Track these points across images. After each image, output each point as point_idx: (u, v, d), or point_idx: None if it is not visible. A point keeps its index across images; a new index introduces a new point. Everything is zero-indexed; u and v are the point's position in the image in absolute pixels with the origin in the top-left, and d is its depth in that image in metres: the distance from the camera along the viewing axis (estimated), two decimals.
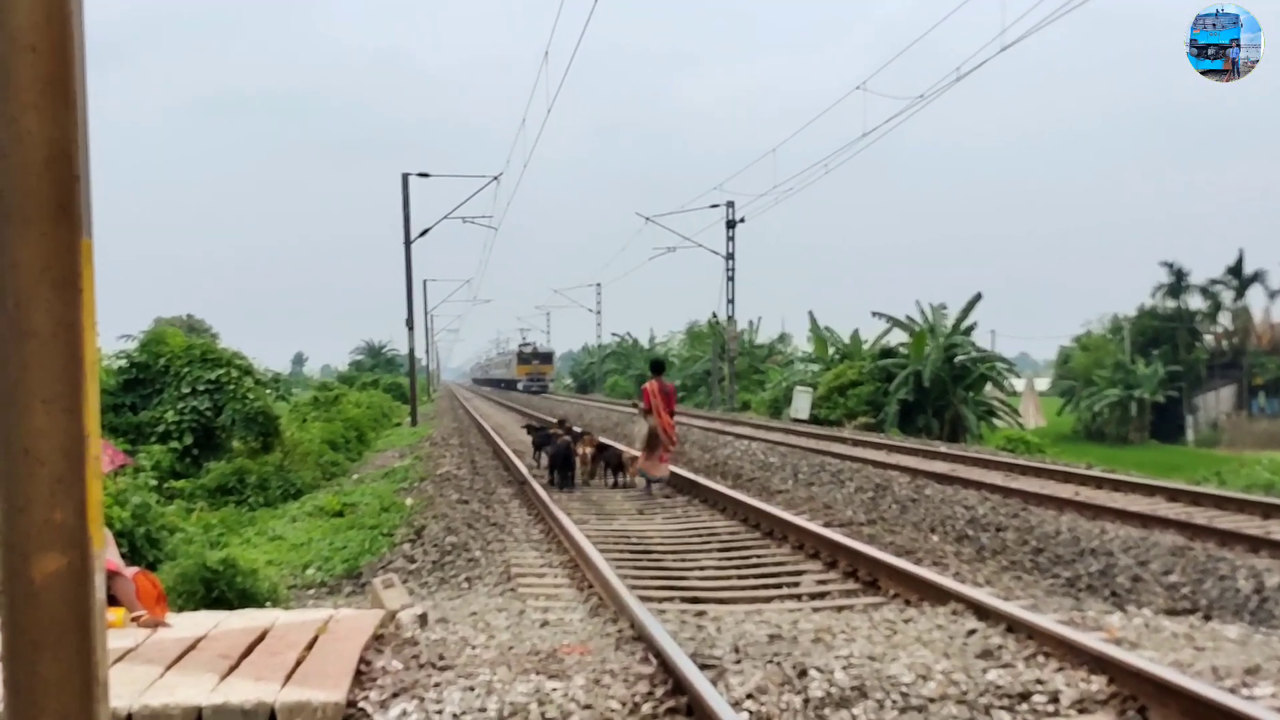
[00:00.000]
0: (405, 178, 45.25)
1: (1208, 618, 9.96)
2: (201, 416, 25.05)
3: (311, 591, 12.63)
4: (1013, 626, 8.09)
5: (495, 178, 43.90)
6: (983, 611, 8.62)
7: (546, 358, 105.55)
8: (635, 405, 20.42)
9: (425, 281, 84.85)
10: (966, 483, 19.44)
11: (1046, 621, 7.90)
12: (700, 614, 9.43)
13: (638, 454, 19.55)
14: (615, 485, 19.96)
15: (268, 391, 28.11)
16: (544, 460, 21.46)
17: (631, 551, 13.33)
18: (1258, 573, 11.75)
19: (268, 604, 9.81)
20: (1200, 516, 15.55)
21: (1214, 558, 12.47)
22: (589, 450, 20.72)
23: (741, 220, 53.38)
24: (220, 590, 9.76)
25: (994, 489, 18.49)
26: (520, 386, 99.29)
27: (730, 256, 53.73)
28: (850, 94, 28.23)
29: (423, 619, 8.24)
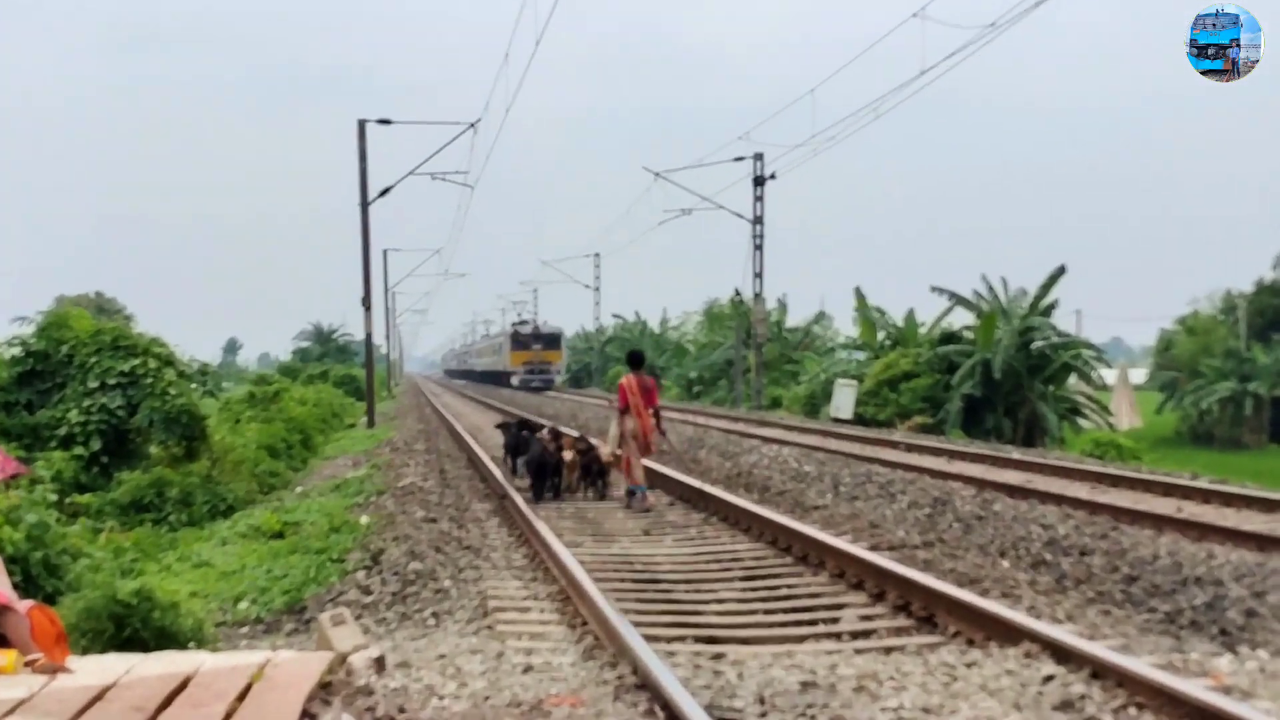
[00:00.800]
0: (362, 125, 45.22)
1: None
2: (112, 416, 25.02)
3: (245, 630, 12.64)
4: (1099, 672, 8.09)
5: (472, 125, 43.88)
6: (1062, 653, 8.63)
7: (552, 341, 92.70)
8: (611, 403, 20.32)
9: (386, 252, 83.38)
10: (1044, 496, 19.44)
11: (1140, 666, 7.91)
12: (718, 657, 9.44)
13: (618, 457, 19.84)
14: (601, 498, 20.40)
15: (193, 386, 28.09)
16: (520, 467, 21.65)
17: (635, 581, 13.35)
18: None
19: (191, 645, 9.82)
20: None
21: None
22: (573, 455, 20.79)
23: (772, 176, 53.31)
24: (133, 628, 9.76)
25: (1078, 504, 18.49)
26: (515, 381, 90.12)
27: (758, 220, 53.64)
28: (905, 22, 28.08)
29: (379, 663, 8.25)
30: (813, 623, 11.29)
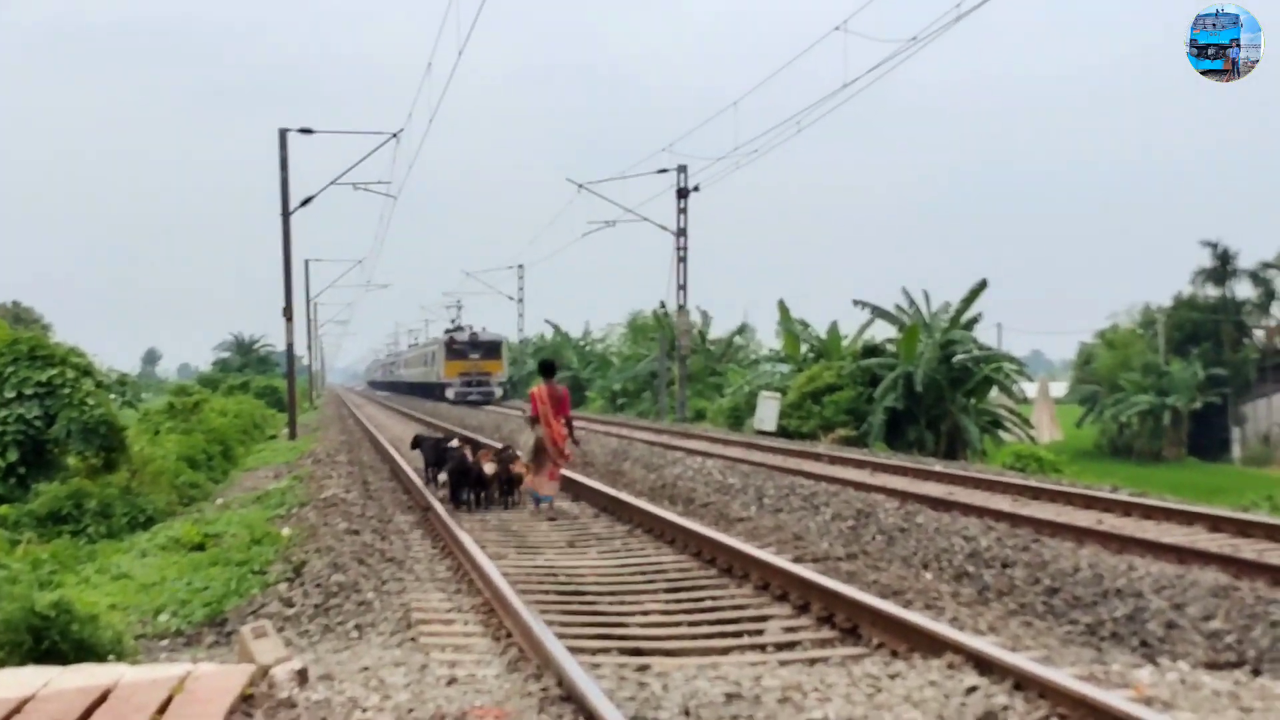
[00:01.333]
0: (283, 134, 44.99)
1: (1257, 672, 10.06)
2: (29, 427, 24.78)
3: (165, 642, 12.54)
4: (1021, 683, 8.15)
5: (394, 135, 43.82)
6: (985, 664, 8.68)
7: (492, 349, 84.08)
8: (524, 413, 21.03)
9: (308, 262, 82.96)
10: (967, 509, 19.54)
11: (1062, 677, 7.97)
12: (643, 668, 9.44)
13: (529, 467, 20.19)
14: (506, 506, 20.71)
15: (112, 396, 27.89)
16: (441, 478, 21.60)
17: (560, 593, 13.34)
18: None
19: (110, 658, 9.72)
20: (1249, 550, 15.69)
21: (1265, 599, 12.57)
22: (494, 467, 20.89)
23: (695, 189, 53.48)
24: (51, 641, 9.65)
25: (1000, 516, 18.61)
26: (451, 394, 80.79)
27: (682, 232, 53.74)
28: (828, 35, 28.24)
29: (302, 675, 8.20)
30: (737, 634, 11.31)
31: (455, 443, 22.61)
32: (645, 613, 12.38)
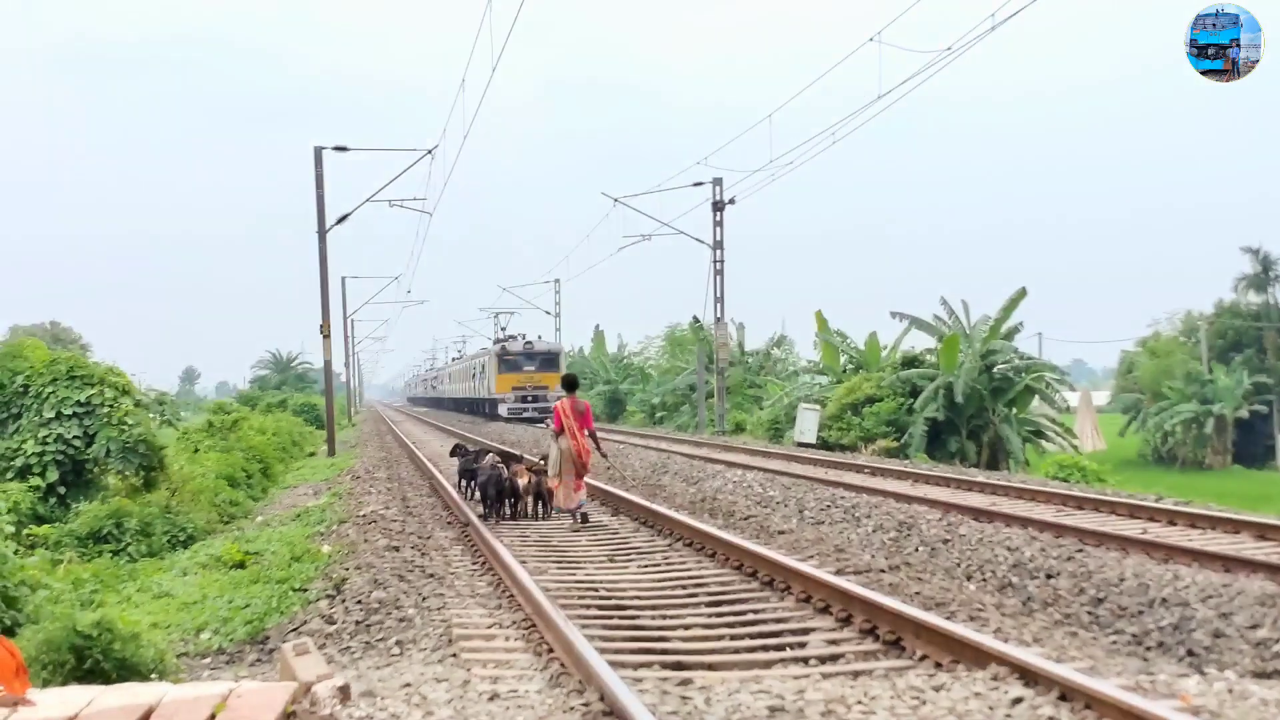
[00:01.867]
0: (318, 152, 45.11)
1: None
2: (69, 447, 24.91)
3: (207, 660, 12.58)
4: (1067, 694, 8.11)
5: (429, 151, 43.93)
6: (1030, 676, 8.65)
7: (550, 360, 74.44)
8: (548, 426, 21.85)
9: (344, 279, 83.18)
10: (1010, 519, 19.48)
11: (1108, 687, 7.93)
12: (685, 683, 9.43)
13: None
14: (547, 517, 21.11)
15: (151, 415, 27.96)
16: (473, 489, 22.12)
17: (601, 607, 13.33)
18: None
19: (153, 676, 9.77)
20: None
21: None
22: (527, 480, 21.30)
23: (731, 201, 53.41)
24: (94, 660, 9.70)
25: (1043, 526, 18.54)
26: (504, 411, 72.59)
27: (718, 245, 53.70)
28: (862, 47, 28.23)
29: (344, 692, 8.22)
30: (780, 647, 11.29)
31: (491, 457, 22.76)
32: (687, 626, 12.36)
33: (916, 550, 17.52)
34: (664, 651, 11.16)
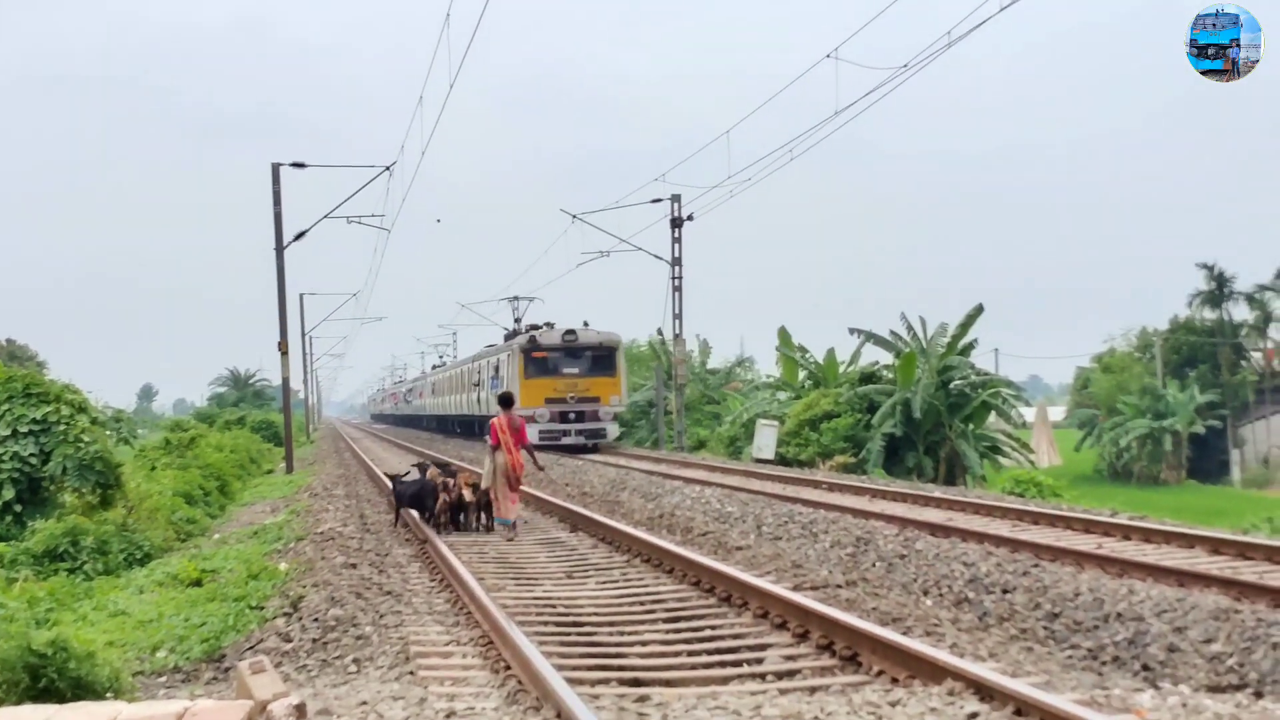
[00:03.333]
0: (276, 169, 45.04)
1: (1259, 695, 10.08)
2: (24, 464, 24.72)
3: (163, 679, 12.51)
4: (1022, 709, 8.15)
5: (387, 168, 43.73)
6: (986, 691, 8.68)
7: (602, 357, 52.24)
8: (486, 442, 22.43)
9: (302, 296, 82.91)
10: (966, 534, 19.54)
11: (1063, 702, 7.96)
12: (642, 699, 9.45)
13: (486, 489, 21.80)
14: (482, 530, 21.98)
15: (108, 433, 27.81)
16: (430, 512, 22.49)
17: (558, 624, 13.34)
18: None
19: (108, 695, 9.70)
20: (1249, 572, 15.68)
21: (1266, 622, 12.57)
22: (471, 492, 22.11)
23: (689, 218, 53.31)
24: (49, 679, 9.64)
25: (999, 541, 18.60)
26: (533, 434, 40.63)
27: (677, 261, 53.64)
28: (819, 63, 28.32)
29: (300, 710, 8.19)
30: (737, 663, 11.32)
31: (412, 473, 24.26)
32: (644, 643, 12.38)
33: (873, 565, 17.55)
34: (621, 668, 11.17)
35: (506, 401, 22.55)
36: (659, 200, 53.03)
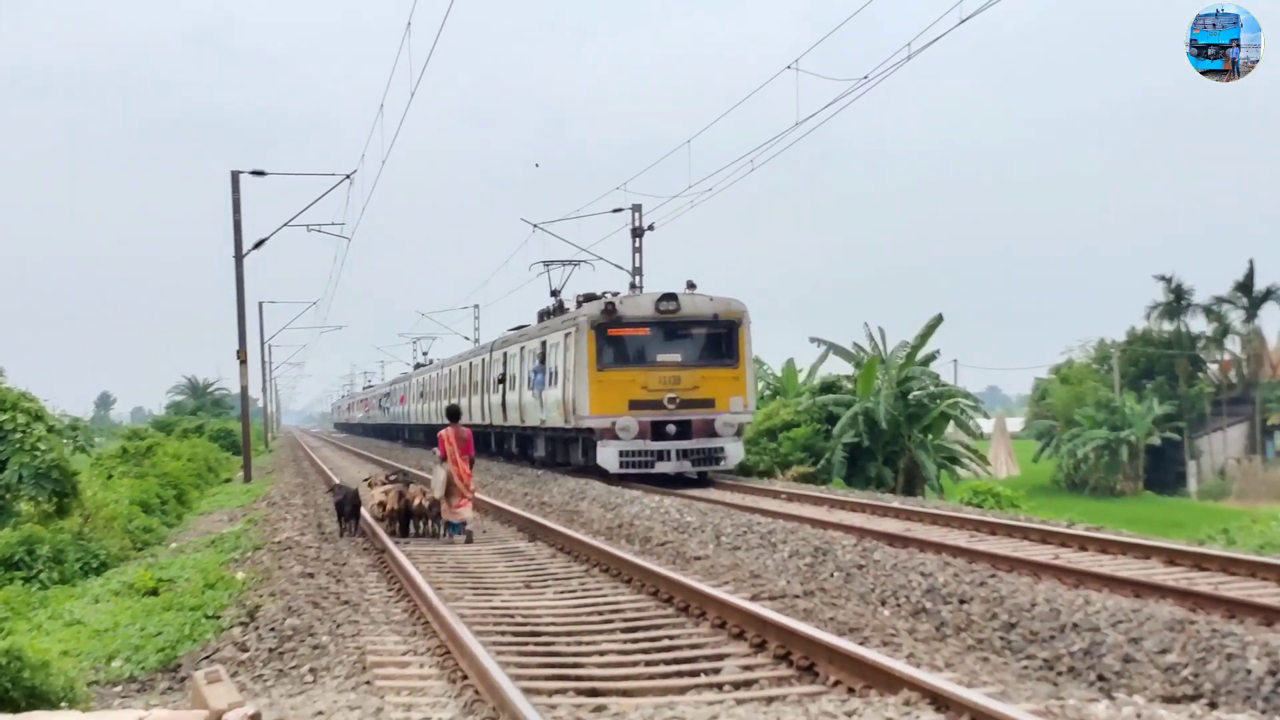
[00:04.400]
0: (235, 176, 44.94)
1: (1213, 705, 10.12)
2: None
3: (118, 689, 12.46)
4: (978, 719, 8.16)
5: (348, 176, 43.71)
6: (942, 701, 8.70)
7: (722, 339, 35.79)
8: (434, 453, 23.32)
9: (261, 304, 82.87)
10: (924, 545, 19.59)
11: (1018, 712, 7.99)
12: (599, 710, 9.44)
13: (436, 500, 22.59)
14: (436, 535, 22.72)
15: (64, 441, 27.67)
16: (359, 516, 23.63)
17: (516, 634, 13.32)
18: (1272, 650, 11.92)
19: (63, 705, 9.67)
20: (1204, 583, 15.77)
21: (1221, 633, 12.62)
22: (419, 502, 23.22)
23: (650, 227, 53.11)
24: (3, 688, 9.59)
25: (957, 552, 18.64)
26: (611, 458, 34.39)
27: (637, 271, 53.56)
28: (780, 74, 28.38)
29: None
30: (694, 673, 11.32)
31: (377, 480, 26.21)
32: (602, 652, 12.38)
33: (831, 576, 17.57)
34: (579, 678, 11.15)
35: (454, 414, 23.98)
36: (620, 210, 52.91)
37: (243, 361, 46.09)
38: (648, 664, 11.81)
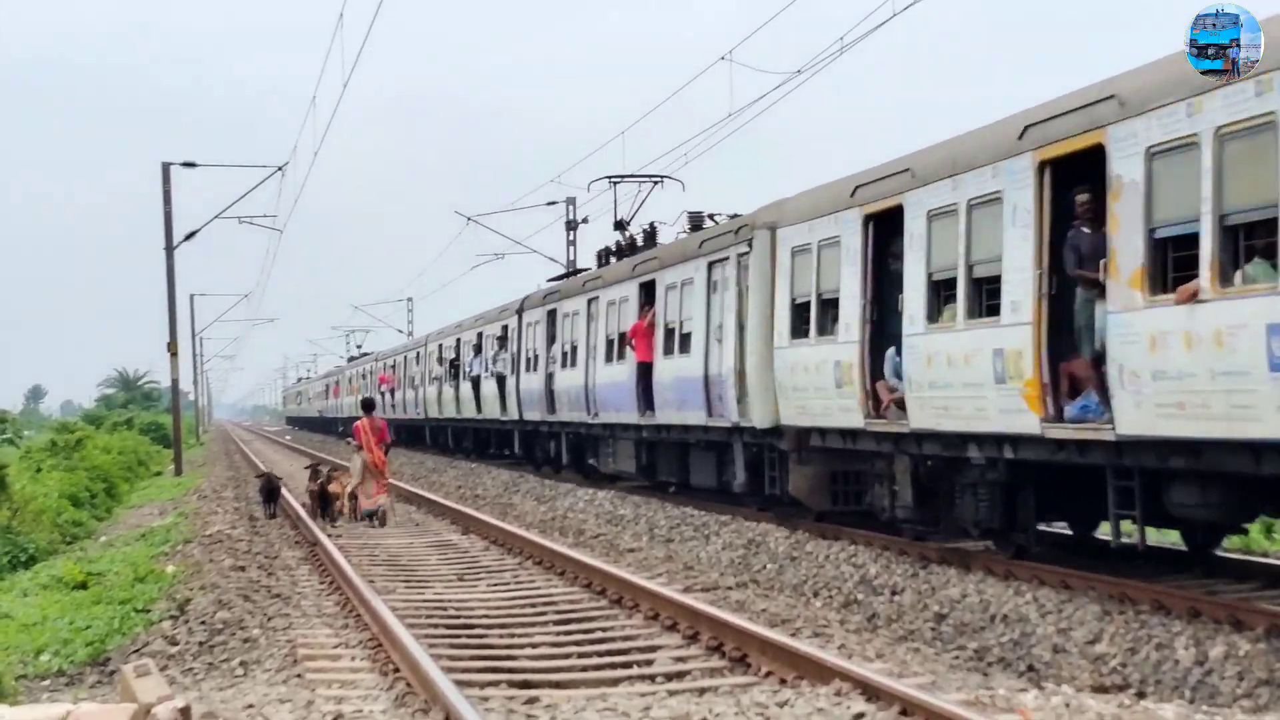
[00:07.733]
0: (166, 168, 44.56)
1: (1141, 695, 10.20)
2: None
3: (47, 683, 12.35)
4: (908, 709, 8.21)
5: (279, 169, 43.46)
6: (872, 691, 8.74)
7: None
8: (349, 443, 25.86)
9: (193, 296, 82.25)
10: (856, 536, 19.62)
11: (948, 703, 8.04)
12: (531, 701, 9.45)
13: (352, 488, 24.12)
14: (359, 518, 23.87)
15: None
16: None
17: (449, 626, 13.32)
18: (1199, 641, 12.03)
19: None
20: (1133, 575, 15.88)
21: (1149, 623, 12.74)
22: (339, 488, 24.59)
23: (585, 221, 52.99)
24: None
25: (888, 544, 18.70)
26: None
27: (572, 264, 53.41)
28: (714, 65, 28.39)
29: (185, 714, 8.10)
30: (627, 665, 11.33)
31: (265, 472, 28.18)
32: (535, 645, 12.38)
33: (764, 568, 17.62)
34: (511, 670, 11.16)
35: (369, 406, 26.38)
36: (554, 203, 52.66)
37: (174, 354, 45.77)
38: (580, 656, 11.82)
